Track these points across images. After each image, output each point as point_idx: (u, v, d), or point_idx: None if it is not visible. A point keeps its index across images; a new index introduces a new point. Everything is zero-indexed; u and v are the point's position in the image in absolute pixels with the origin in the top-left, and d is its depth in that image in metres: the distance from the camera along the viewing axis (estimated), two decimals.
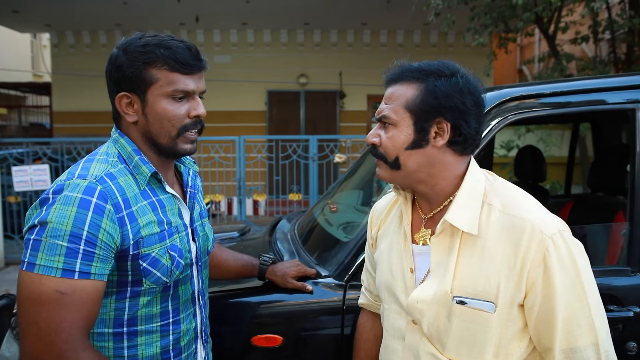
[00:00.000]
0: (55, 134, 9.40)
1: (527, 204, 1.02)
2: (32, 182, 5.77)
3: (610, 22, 5.56)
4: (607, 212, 2.03)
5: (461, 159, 1.05)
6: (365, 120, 9.80)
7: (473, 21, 5.75)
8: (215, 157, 6.08)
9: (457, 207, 1.01)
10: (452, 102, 0.99)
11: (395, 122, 1.03)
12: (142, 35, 1.08)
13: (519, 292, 0.96)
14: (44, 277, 0.93)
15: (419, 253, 1.08)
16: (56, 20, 8.80)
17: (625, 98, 1.56)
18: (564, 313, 0.94)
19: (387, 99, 1.06)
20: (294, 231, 2.11)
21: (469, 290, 0.98)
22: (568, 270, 0.94)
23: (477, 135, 1.04)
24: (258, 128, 9.45)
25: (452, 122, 1.00)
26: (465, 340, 1.00)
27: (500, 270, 0.96)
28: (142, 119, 1.08)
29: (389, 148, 1.04)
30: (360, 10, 8.07)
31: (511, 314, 0.97)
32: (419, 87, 1.02)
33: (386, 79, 1.09)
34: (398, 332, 1.11)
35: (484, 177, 1.06)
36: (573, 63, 6.04)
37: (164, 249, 1.07)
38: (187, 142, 1.11)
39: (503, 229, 0.98)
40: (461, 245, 1.01)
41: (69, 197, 0.96)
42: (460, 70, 1.03)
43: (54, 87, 9.69)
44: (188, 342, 1.16)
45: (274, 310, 1.52)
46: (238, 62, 9.45)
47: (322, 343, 1.50)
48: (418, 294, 1.04)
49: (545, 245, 0.94)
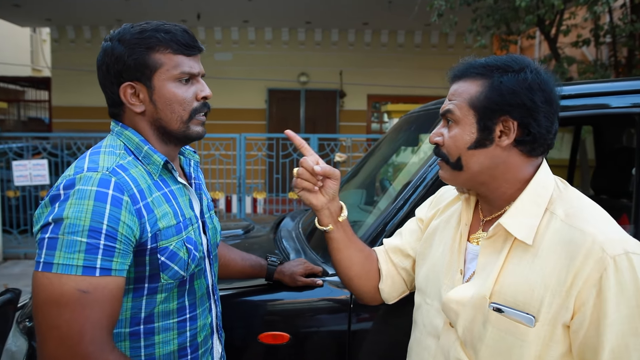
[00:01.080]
0: (54, 129, 9.37)
1: (594, 217, 0.92)
2: (32, 176, 5.76)
3: (611, 26, 5.59)
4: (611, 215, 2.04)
5: (529, 161, 0.98)
6: (365, 119, 9.81)
7: (475, 23, 5.77)
8: (215, 155, 6.09)
9: (515, 212, 0.95)
10: (519, 99, 0.93)
11: (458, 119, 0.98)
12: (133, 25, 1.05)
13: (566, 311, 0.87)
14: (64, 276, 0.88)
15: (471, 253, 1.04)
16: (57, 15, 8.77)
17: (630, 102, 1.57)
18: (614, 344, 0.84)
19: (450, 96, 1.01)
20: (299, 229, 2.11)
21: (509, 298, 0.92)
22: (628, 298, 0.83)
23: (549, 134, 0.97)
24: (258, 126, 9.45)
25: (519, 120, 0.94)
26: (499, 351, 0.93)
27: (547, 283, 0.89)
28: (151, 107, 1.04)
29: (452, 148, 0.99)
30: (362, 10, 8.07)
31: (554, 334, 0.89)
32: (484, 83, 0.96)
33: (451, 75, 1.04)
34: (434, 331, 1.07)
35: (553, 184, 0.98)
36: (574, 66, 6.06)
37: (181, 242, 1.03)
38: (199, 124, 1.08)
39: (560, 240, 0.90)
40: (511, 250, 0.95)
41: (83, 190, 0.91)
42: (531, 65, 0.96)
43: (53, 81, 9.66)
44: (205, 338, 1.13)
45: (281, 308, 1.53)
46: (239, 60, 9.44)
47: (329, 340, 1.51)
48: (454, 295, 1.01)
49: (604, 264, 0.84)
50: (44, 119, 13.01)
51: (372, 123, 10.14)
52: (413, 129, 2.20)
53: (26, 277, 5.18)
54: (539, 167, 0.99)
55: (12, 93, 12.75)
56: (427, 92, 8.42)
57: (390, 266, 1.26)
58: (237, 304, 1.51)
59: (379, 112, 10.07)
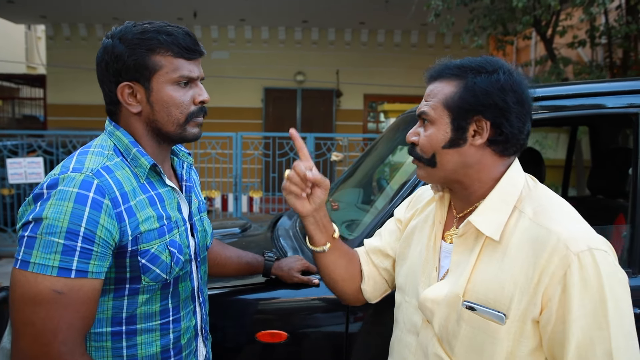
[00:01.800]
0: (49, 127, 9.32)
1: (561, 215, 0.94)
2: (27, 174, 5.73)
3: (607, 28, 5.62)
4: (608, 215, 2.06)
5: (501, 160, 1.01)
6: (361, 119, 9.82)
7: (472, 23, 5.78)
8: (212, 153, 6.07)
9: (484, 210, 0.98)
10: (491, 99, 0.96)
11: (433, 120, 1.01)
12: (135, 23, 1.04)
13: (534, 307, 0.90)
14: (40, 275, 0.89)
15: (445, 251, 1.07)
16: (52, 12, 8.72)
17: (627, 102, 1.58)
18: (579, 339, 0.86)
19: (426, 97, 1.05)
20: (296, 228, 2.11)
21: (481, 296, 0.95)
22: (591, 294, 0.86)
23: (521, 134, 0.99)
24: (254, 125, 9.44)
25: (492, 120, 0.97)
26: (473, 348, 0.96)
27: (516, 281, 0.91)
28: (147, 108, 1.04)
29: (426, 146, 1.02)
30: (359, 10, 8.08)
31: (524, 330, 0.91)
32: (458, 84, 0.99)
33: (427, 76, 1.07)
34: (414, 328, 1.10)
35: (523, 182, 1.01)
36: (570, 67, 6.10)
37: (164, 245, 1.03)
38: (195, 125, 1.08)
39: (527, 238, 0.93)
40: (482, 249, 0.98)
41: (64, 191, 0.92)
42: (504, 67, 0.99)
43: (48, 79, 9.60)
44: (188, 340, 1.13)
45: (278, 307, 1.53)
46: (235, 59, 9.42)
47: (327, 339, 1.51)
48: (429, 294, 1.03)
49: (568, 261, 0.87)
50: (39, 116, 12.94)
51: (369, 122, 10.15)
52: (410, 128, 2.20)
53: None
54: (510, 165, 1.02)
55: (7, 90, 12.68)
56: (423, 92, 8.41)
57: (371, 267, 1.28)
58: (235, 303, 1.50)
59: (375, 111, 10.08)
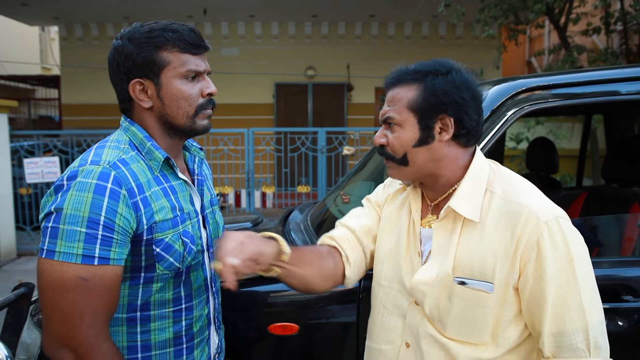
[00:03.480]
0: (65, 127, 9.46)
1: (527, 191, 1.06)
2: (43, 173, 5.83)
3: (622, 14, 5.50)
4: (622, 204, 2.03)
5: (465, 150, 1.11)
6: (373, 112, 9.78)
7: (483, 13, 5.71)
8: (224, 150, 6.11)
9: (461, 194, 1.07)
10: (451, 97, 1.05)
11: (400, 122, 1.08)
12: (142, 24, 1.09)
13: (513, 273, 1.00)
14: (65, 263, 0.94)
15: (425, 236, 1.14)
16: (64, 13, 8.83)
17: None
18: (554, 297, 0.97)
19: (389, 102, 1.11)
20: (307, 222, 2.12)
21: (467, 271, 1.04)
22: (560, 255, 0.97)
23: (479, 126, 1.10)
24: (266, 120, 9.46)
25: (454, 116, 1.05)
26: (465, 320, 1.04)
27: (496, 252, 1.01)
28: (158, 103, 1.09)
29: (397, 147, 1.09)
30: (368, 3, 8.02)
31: (507, 296, 1.01)
32: (418, 87, 1.07)
33: (386, 83, 1.15)
34: (399, 311, 1.16)
35: (488, 166, 1.11)
36: (584, 55, 5.99)
37: (177, 235, 1.07)
38: (205, 117, 1.13)
39: (502, 213, 1.03)
40: (462, 229, 1.06)
41: (83, 183, 0.97)
42: (455, 67, 1.08)
43: (62, 79, 9.73)
44: (201, 328, 1.17)
45: (290, 299, 1.54)
46: (246, 55, 9.44)
47: (338, 331, 1.52)
48: (421, 276, 1.09)
49: (539, 229, 0.98)
50: (54, 117, 13.14)
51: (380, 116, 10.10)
52: None
53: None
54: (474, 154, 1.12)
55: (23, 92, 12.88)
56: None
57: (358, 252, 1.26)
58: (247, 295, 1.52)
59: None
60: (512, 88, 1.54)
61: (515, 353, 1.04)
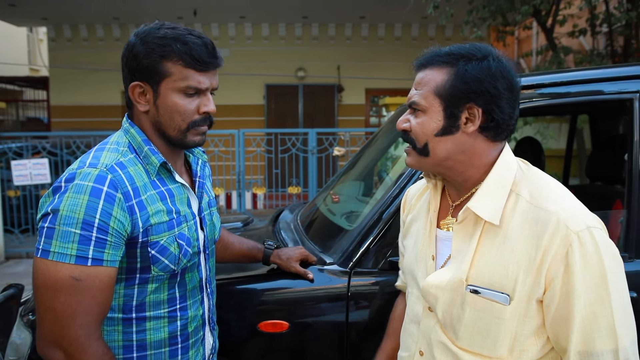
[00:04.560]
0: (53, 128, 9.37)
1: (558, 196, 0.96)
2: (32, 176, 5.78)
3: (607, 15, 5.58)
4: (606, 201, 2.07)
5: (493, 145, 1.01)
6: (363, 113, 9.82)
7: (471, 14, 5.76)
8: (214, 151, 6.10)
9: (481, 195, 0.98)
10: (482, 86, 0.95)
11: (425, 109, 1.00)
12: (161, 26, 1.08)
13: (538, 287, 0.92)
14: (59, 264, 0.96)
15: (442, 239, 1.07)
16: (53, 14, 8.76)
17: (623, 88, 1.59)
18: (583, 314, 0.89)
19: (416, 85, 1.03)
20: (297, 221, 2.13)
21: (485, 280, 0.96)
22: (592, 270, 0.88)
23: (511, 120, 1.00)
24: (256, 122, 9.45)
25: (483, 107, 0.96)
26: (478, 330, 0.98)
27: (519, 262, 0.93)
28: (153, 110, 1.09)
29: (419, 134, 1.01)
30: (358, 4, 8.06)
31: (529, 309, 0.94)
32: (449, 71, 0.98)
33: (416, 64, 1.06)
34: (416, 317, 1.12)
35: (516, 165, 1.02)
36: (570, 56, 6.06)
37: (172, 237, 1.09)
38: (197, 134, 1.12)
39: (527, 220, 0.94)
40: (482, 234, 0.98)
41: (80, 185, 0.98)
42: (493, 53, 0.99)
43: (51, 81, 9.65)
44: (195, 329, 1.18)
45: (280, 297, 1.55)
46: (236, 56, 9.43)
47: (328, 329, 1.53)
48: (433, 280, 1.04)
49: (569, 241, 0.89)
50: (43, 118, 13.01)
51: (371, 117, 10.15)
52: None
53: (29, 276, 5.18)
54: (502, 150, 1.02)
55: (10, 93, 12.74)
56: None
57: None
58: (237, 293, 1.53)
59: (377, 105, 10.08)
60: None
61: None
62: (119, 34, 9.40)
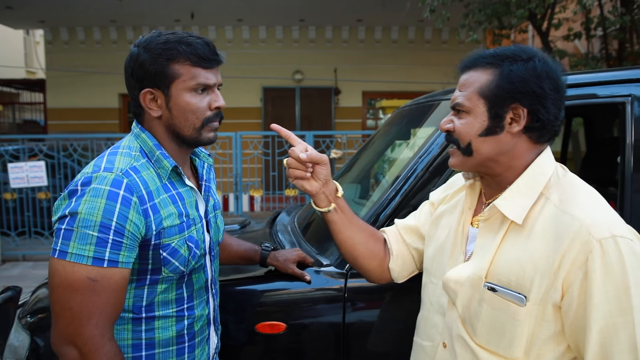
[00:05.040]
0: (50, 131, 9.36)
1: (586, 202, 0.95)
2: (29, 178, 5.77)
3: (602, 19, 5.63)
4: None
5: (535, 147, 1.02)
6: (360, 116, 9.85)
7: (467, 18, 5.81)
8: (212, 153, 6.09)
9: (510, 195, 0.99)
10: (528, 86, 0.96)
11: (469, 109, 1.01)
12: (160, 33, 1.12)
13: (554, 291, 0.91)
14: (76, 265, 0.98)
15: (473, 236, 1.09)
16: (50, 17, 8.76)
17: (615, 92, 1.61)
18: (602, 325, 0.87)
19: (461, 86, 1.04)
20: (294, 223, 2.15)
21: (502, 278, 0.96)
22: (614, 280, 0.86)
23: (557, 121, 1.00)
24: (253, 124, 9.47)
25: (528, 107, 0.97)
26: (494, 329, 0.98)
27: (537, 264, 0.93)
28: (166, 113, 1.12)
29: (462, 134, 1.02)
30: (355, 7, 8.10)
31: (545, 313, 0.93)
32: (494, 72, 0.99)
33: (461, 66, 1.07)
34: (441, 309, 1.12)
35: (553, 170, 1.01)
36: (566, 59, 6.11)
37: (183, 240, 1.12)
38: (211, 130, 1.15)
39: (551, 224, 0.94)
40: (507, 234, 0.99)
41: (97, 189, 1.01)
42: (538, 54, 0.99)
43: (48, 83, 9.64)
44: (201, 327, 1.21)
45: (277, 298, 1.57)
46: (233, 59, 9.43)
47: (324, 330, 1.54)
48: (452, 275, 1.05)
49: (589, 247, 0.88)
50: (39, 121, 12.98)
51: (368, 119, 10.18)
52: (405, 122, 2.23)
53: (25, 279, 5.19)
54: (541, 153, 1.02)
55: (7, 96, 12.72)
56: (422, 88, 8.45)
57: (402, 246, 1.29)
58: (235, 294, 1.54)
59: (374, 108, 10.11)
60: None
61: None
62: (116, 36, 9.41)
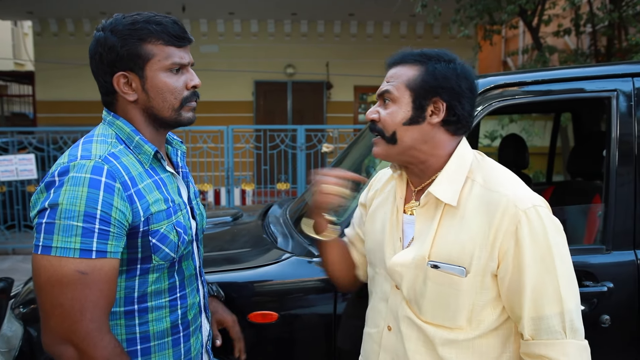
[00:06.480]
0: (39, 124, 9.27)
1: (508, 180, 1.09)
2: (18, 171, 5.72)
3: (591, 16, 5.69)
4: (585, 196, 2.13)
5: (453, 139, 1.13)
6: (352, 110, 9.86)
7: (459, 13, 5.83)
8: (203, 147, 6.09)
9: (441, 181, 1.10)
10: (449, 83, 1.09)
11: (396, 98, 1.11)
12: (125, 15, 1.09)
13: (492, 261, 1.03)
14: (63, 258, 0.94)
15: (407, 223, 1.18)
16: (38, 8, 8.64)
17: (602, 87, 1.64)
18: (533, 283, 1.00)
19: (389, 78, 1.14)
20: (286, 215, 2.16)
21: (443, 256, 1.07)
22: (539, 243, 1.00)
23: (470, 117, 1.13)
24: (245, 118, 9.44)
25: (447, 102, 1.09)
26: (439, 303, 1.08)
27: (475, 239, 1.04)
28: (143, 96, 1.09)
29: (388, 123, 1.12)
30: (347, 1, 8.09)
31: (484, 282, 1.05)
32: (420, 68, 1.11)
33: (389, 61, 1.17)
34: (384, 295, 1.21)
35: (472, 156, 1.14)
36: (555, 55, 6.17)
37: (171, 225, 1.09)
38: (189, 110, 1.13)
39: (482, 202, 1.06)
40: (442, 216, 1.10)
41: (77, 177, 0.96)
42: (458, 59, 1.13)
43: (37, 76, 9.53)
44: (194, 316, 1.19)
45: (270, 288, 1.59)
46: (225, 52, 9.41)
47: (316, 319, 1.57)
48: (398, 259, 1.14)
49: (517, 218, 1.01)
50: (28, 113, 12.84)
51: (359, 114, 10.19)
52: None
53: (15, 272, 5.16)
54: (460, 143, 1.14)
55: None
56: None
57: (357, 254, 1.39)
58: (227, 285, 1.56)
59: (366, 103, 10.13)
60: (482, 85, 1.61)
61: (493, 336, 1.08)
62: None
